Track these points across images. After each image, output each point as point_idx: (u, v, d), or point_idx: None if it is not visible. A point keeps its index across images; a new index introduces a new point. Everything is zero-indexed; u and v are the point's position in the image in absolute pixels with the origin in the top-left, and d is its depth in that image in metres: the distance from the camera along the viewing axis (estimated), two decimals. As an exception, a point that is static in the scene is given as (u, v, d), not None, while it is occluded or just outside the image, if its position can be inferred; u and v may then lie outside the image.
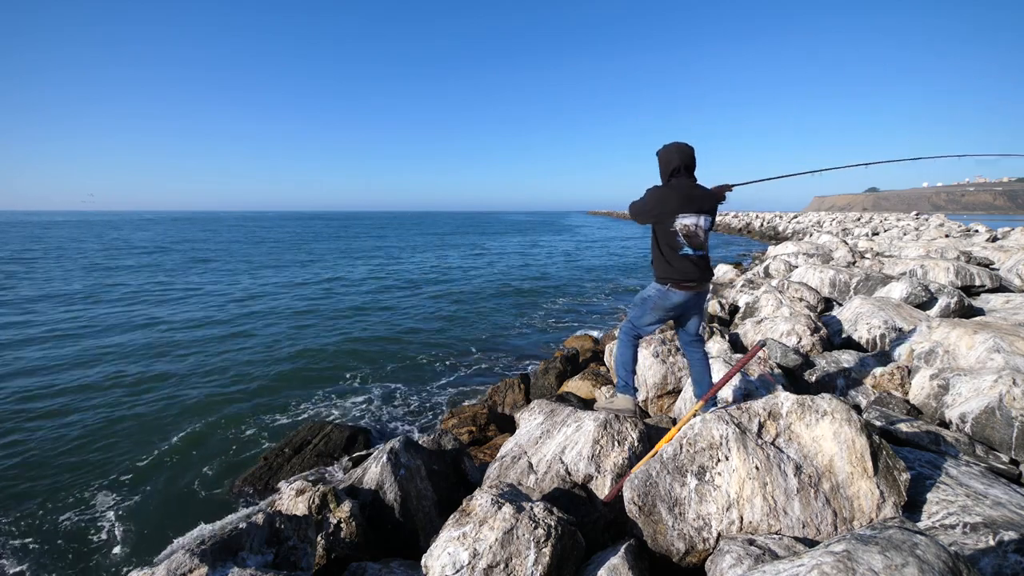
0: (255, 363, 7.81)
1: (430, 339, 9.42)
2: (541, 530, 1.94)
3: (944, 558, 1.30)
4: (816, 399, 2.17)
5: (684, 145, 2.78)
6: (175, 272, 18.48)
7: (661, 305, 2.79)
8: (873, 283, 6.37)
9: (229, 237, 42.12)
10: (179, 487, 4.48)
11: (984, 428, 2.79)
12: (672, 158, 2.77)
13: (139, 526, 3.95)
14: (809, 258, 10.44)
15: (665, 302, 2.77)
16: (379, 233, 52.27)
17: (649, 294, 2.84)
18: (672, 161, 2.77)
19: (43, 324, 9.95)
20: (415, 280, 17.22)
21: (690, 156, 2.77)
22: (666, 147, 2.82)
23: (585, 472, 2.60)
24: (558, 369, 6.12)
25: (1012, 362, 3.32)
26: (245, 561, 1.99)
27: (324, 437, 4.66)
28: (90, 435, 5.34)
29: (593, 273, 19.27)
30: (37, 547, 3.69)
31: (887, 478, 1.97)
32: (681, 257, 2.68)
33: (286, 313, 11.46)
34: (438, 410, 6.15)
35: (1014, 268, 7.14)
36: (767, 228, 38.21)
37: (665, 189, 2.74)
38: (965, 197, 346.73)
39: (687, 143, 2.80)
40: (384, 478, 2.80)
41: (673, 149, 2.78)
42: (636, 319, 2.91)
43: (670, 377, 4.11)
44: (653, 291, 2.81)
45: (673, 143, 2.80)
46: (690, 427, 2.27)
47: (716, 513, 2.03)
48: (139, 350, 8.35)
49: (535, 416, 3.30)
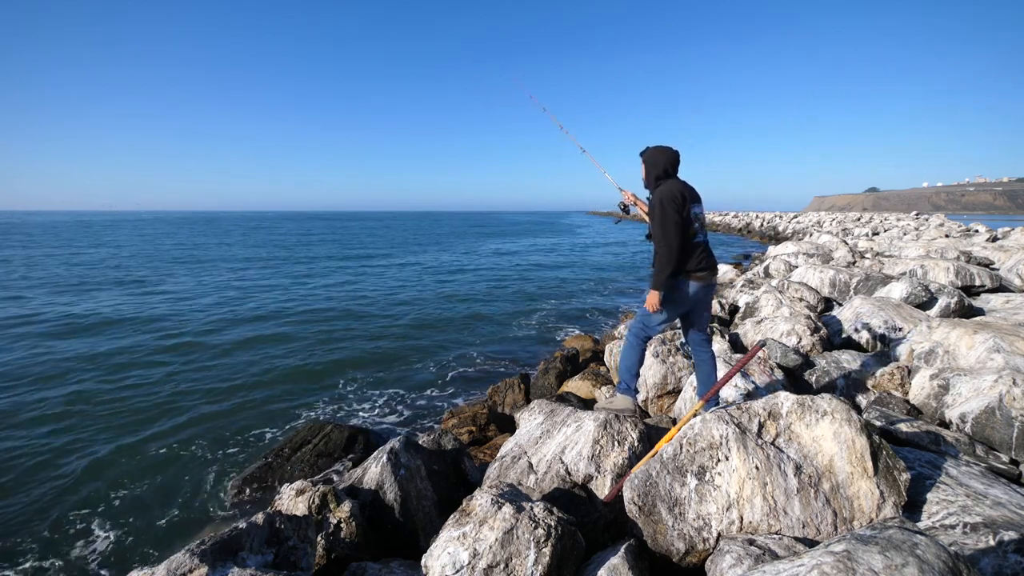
0: (255, 363, 7.81)
1: (429, 339, 9.41)
2: (541, 530, 1.94)
3: (944, 558, 1.30)
4: (816, 399, 2.17)
5: (670, 148, 2.87)
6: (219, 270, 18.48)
7: (672, 299, 2.81)
8: (873, 283, 6.37)
9: (221, 239, 42.06)
10: (179, 487, 4.47)
11: (984, 428, 2.79)
12: (660, 159, 2.84)
13: (139, 526, 3.95)
14: (809, 258, 10.44)
15: (676, 295, 2.80)
16: (381, 234, 52.24)
17: None
18: (660, 163, 2.84)
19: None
20: (415, 280, 17.22)
21: (677, 159, 2.87)
22: (654, 149, 2.89)
23: (585, 472, 2.60)
24: (558, 369, 6.12)
25: (1012, 362, 3.32)
26: (245, 561, 1.99)
27: (324, 437, 4.66)
28: (90, 435, 5.34)
29: (593, 273, 19.27)
30: (36, 547, 3.68)
31: (887, 478, 1.97)
32: (695, 244, 2.74)
33: (286, 313, 11.46)
34: (438, 410, 6.15)
35: (1014, 268, 7.14)
36: (767, 228, 38.20)
37: (673, 181, 2.80)
38: (965, 197, 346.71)
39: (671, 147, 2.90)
40: (384, 478, 2.80)
41: (662, 151, 2.86)
42: (646, 317, 2.92)
43: (670, 377, 4.11)
44: None
45: (658, 146, 2.89)
46: (690, 427, 2.27)
47: (716, 513, 2.03)
48: (140, 349, 8.35)
49: (535, 416, 3.30)
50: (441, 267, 21.23)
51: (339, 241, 38.67)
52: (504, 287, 15.65)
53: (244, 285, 15.60)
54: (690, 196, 2.75)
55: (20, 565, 3.52)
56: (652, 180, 2.88)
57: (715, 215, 62.44)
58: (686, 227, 2.70)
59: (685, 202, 2.70)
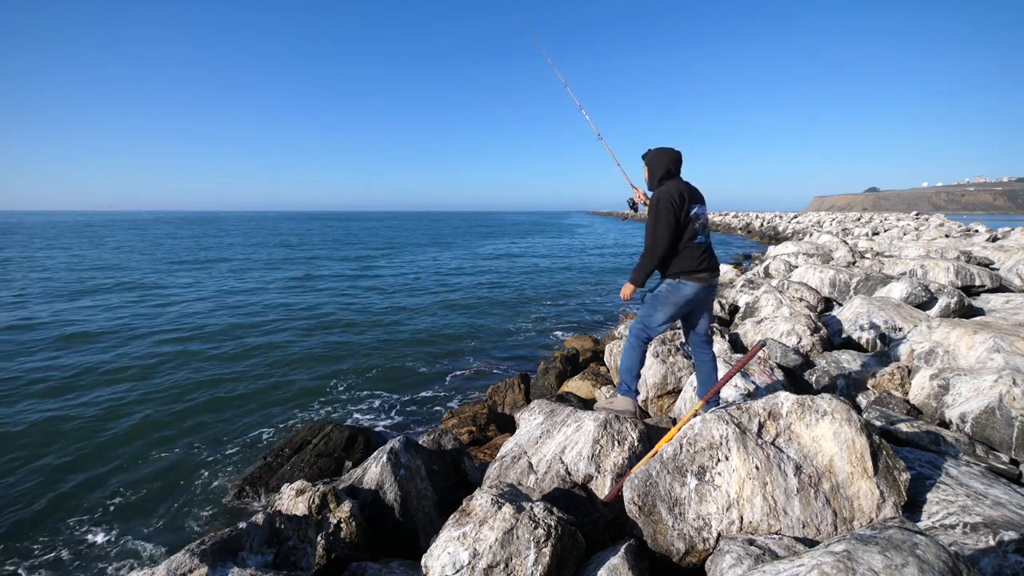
0: (255, 363, 7.81)
1: (429, 339, 9.41)
2: (541, 530, 1.94)
3: (944, 558, 1.30)
4: (816, 399, 2.17)
5: (672, 149, 2.89)
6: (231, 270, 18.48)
7: (672, 300, 2.81)
8: (873, 283, 6.37)
9: (228, 239, 42.05)
10: (179, 487, 4.48)
11: (984, 428, 2.79)
12: (663, 160, 2.86)
13: (139, 526, 3.95)
14: (809, 258, 10.44)
15: (677, 296, 2.79)
16: (381, 234, 52.23)
17: (660, 290, 2.85)
18: (663, 164, 2.86)
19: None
20: (415, 281, 17.22)
21: (679, 160, 2.89)
22: (656, 151, 2.91)
23: (585, 472, 2.60)
24: (558, 369, 6.12)
25: (1012, 362, 3.32)
26: (245, 561, 1.99)
27: (324, 437, 4.65)
28: (89, 434, 5.35)
29: (593, 273, 19.28)
30: (37, 547, 3.68)
31: (887, 478, 1.97)
32: (696, 244, 2.75)
33: (285, 313, 11.46)
34: (438, 410, 6.15)
35: (1014, 268, 7.14)
36: (767, 228, 38.21)
37: (675, 182, 2.81)
38: (965, 197, 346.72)
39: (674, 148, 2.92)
40: (384, 478, 2.79)
41: (665, 152, 2.88)
42: (647, 318, 2.91)
43: (670, 377, 4.11)
44: (664, 286, 2.83)
45: (661, 148, 2.90)
46: (690, 427, 2.27)
47: (716, 513, 2.03)
48: (140, 349, 8.35)
49: (535, 416, 3.30)
50: (441, 267, 21.24)
51: (339, 240, 38.69)
52: (504, 287, 15.65)
53: (244, 285, 15.60)
54: (691, 196, 2.76)
55: (21, 566, 3.52)
56: (655, 181, 2.90)
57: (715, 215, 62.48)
58: (683, 228, 2.71)
59: (684, 203, 2.70)
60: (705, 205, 2.85)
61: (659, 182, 2.86)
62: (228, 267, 20.41)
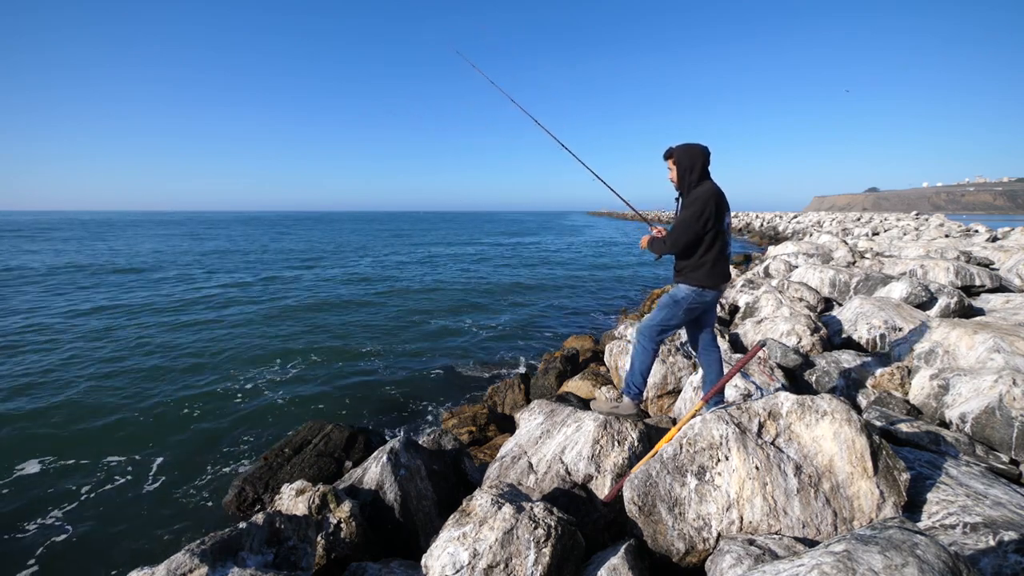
0: (256, 362, 7.81)
1: (429, 339, 9.41)
2: (541, 530, 1.94)
3: (944, 558, 1.30)
4: (816, 399, 2.17)
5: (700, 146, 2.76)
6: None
7: (691, 307, 2.85)
8: (873, 283, 6.37)
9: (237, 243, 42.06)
10: (179, 487, 4.47)
11: (984, 428, 2.79)
12: (695, 160, 2.73)
13: (139, 526, 3.95)
14: (809, 258, 10.44)
15: (698, 302, 2.83)
16: (381, 234, 52.24)
17: (682, 295, 2.83)
18: (696, 163, 2.73)
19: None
20: (415, 281, 17.22)
21: (709, 158, 2.77)
22: (683, 149, 2.75)
23: (585, 472, 2.60)
24: (558, 369, 6.12)
25: (1012, 362, 3.32)
26: (245, 561, 1.99)
27: (324, 437, 4.65)
28: (89, 434, 5.35)
29: (593, 273, 19.27)
30: (37, 548, 3.68)
31: (887, 478, 1.97)
32: (727, 257, 2.79)
33: (285, 313, 11.46)
34: (438, 410, 6.15)
35: (1014, 268, 7.14)
36: (767, 228, 38.21)
37: (716, 189, 2.70)
38: (965, 197, 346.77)
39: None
40: (384, 478, 2.80)
41: (694, 150, 2.74)
42: (665, 320, 2.91)
43: (670, 377, 4.11)
44: (688, 292, 2.81)
45: (689, 144, 2.75)
46: (690, 427, 2.27)
47: (716, 513, 2.03)
48: (140, 350, 8.35)
49: (535, 416, 3.30)
50: (441, 267, 21.23)
51: (338, 240, 38.68)
52: (503, 287, 15.65)
53: (243, 286, 15.61)
54: (725, 206, 2.73)
55: (21, 566, 3.51)
56: (686, 183, 2.75)
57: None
58: (716, 238, 2.70)
59: (722, 216, 2.69)
60: (730, 212, 2.80)
61: (693, 183, 2.74)
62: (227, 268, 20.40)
